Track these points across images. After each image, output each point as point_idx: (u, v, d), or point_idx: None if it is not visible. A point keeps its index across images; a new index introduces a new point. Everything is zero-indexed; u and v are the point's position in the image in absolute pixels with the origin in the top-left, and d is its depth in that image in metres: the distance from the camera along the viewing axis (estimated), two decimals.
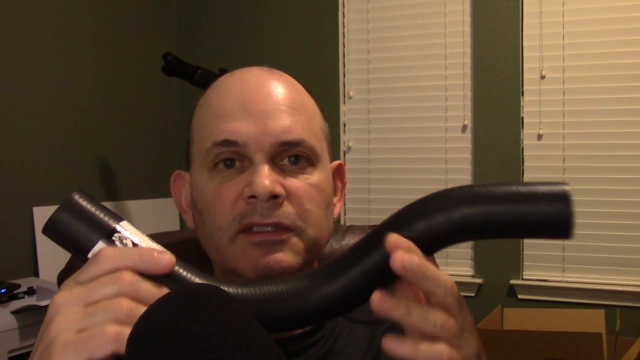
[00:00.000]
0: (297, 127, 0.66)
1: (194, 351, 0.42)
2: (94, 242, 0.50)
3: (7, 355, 1.78)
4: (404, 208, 0.51)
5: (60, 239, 0.51)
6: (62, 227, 0.50)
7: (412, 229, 0.49)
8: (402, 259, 0.47)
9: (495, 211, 0.47)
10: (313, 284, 0.51)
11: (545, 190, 0.47)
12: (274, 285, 0.52)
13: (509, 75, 2.57)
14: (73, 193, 0.52)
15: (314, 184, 0.66)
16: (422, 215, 0.49)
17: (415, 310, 0.48)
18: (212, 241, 0.66)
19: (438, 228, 0.48)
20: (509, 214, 0.47)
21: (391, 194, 2.74)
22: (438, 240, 0.49)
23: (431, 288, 0.48)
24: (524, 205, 0.47)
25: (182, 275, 0.50)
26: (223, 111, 0.66)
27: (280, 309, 0.51)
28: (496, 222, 0.47)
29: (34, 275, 2.32)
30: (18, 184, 2.32)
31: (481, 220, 0.47)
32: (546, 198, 0.46)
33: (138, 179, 2.85)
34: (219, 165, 0.66)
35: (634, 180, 2.40)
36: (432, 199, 0.50)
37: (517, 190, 0.47)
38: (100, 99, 2.69)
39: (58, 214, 0.51)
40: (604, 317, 2.15)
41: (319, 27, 2.87)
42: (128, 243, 0.50)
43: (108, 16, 2.74)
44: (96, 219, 0.51)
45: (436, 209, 0.49)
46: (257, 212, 0.63)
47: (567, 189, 0.47)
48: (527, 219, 0.47)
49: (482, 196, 0.48)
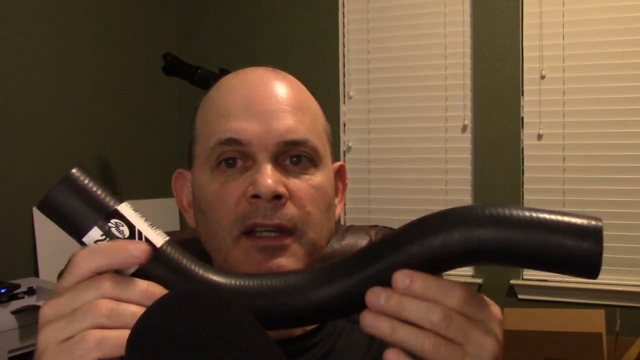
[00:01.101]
0: (301, 127, 0.66)
1: (193, 352, 0.42)
2: (89, 227, 0.48)
3: (7, 355, 1.78)
4: (419, 219, 0.48)
5: (56, 218, 0.49)
6: (59, 205, 0.48)
7: (424, 244, 0.46)
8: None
9: (517, 239, 0.43)
10: (311, 283, 0.51)
11: (576, 224, 0.42)
12: (270, 280, 0.51)
13: (509, 75, 2.56)
14: (73, 168, 0.49)
15: (315, 185, 0.66)
16: (438, 231, 0.46)
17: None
18: (216, 241, 0.66)
19: (452, 247, 0.45)
20: (534, 244, 0.43)
21: (391, 194, 2.74)
22: (449, 260, 0.46)
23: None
24: (550, 236, 0.42)
25: (170, 257, 0.49)
26: (227, 110, 0.67)
27: (273, 304, 0.50)
28: (516, 251, 0.43)
29: (34, 275, 2.32)
30: (18, 184, 2.32)
31: (500, 246, 0.44)
32: (576, 232, 0.42)
33: (138, 179, 2.85)
34: (222, 165, 0.66)
35: (634, 180, 2.40)
36: (450, 214, 0.46)
37: (545, 219, 0.43)
38: (100, 99, 2.69)
39: (55, 190, 0.48)
40: (604, 317, 2.15)
41: (319, 27, 2.87)
42: (124, 230, 0.48)
43: (108, 16, 2.74)
44: (95, 199, 0.48)
45: (454, 226, 0.45)
46: (260, 213, 0.62)
47: (600, 225, 0.42)
48: (552, 252, 0.43)
49: (505, 219, 0.44)
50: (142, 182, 2.86)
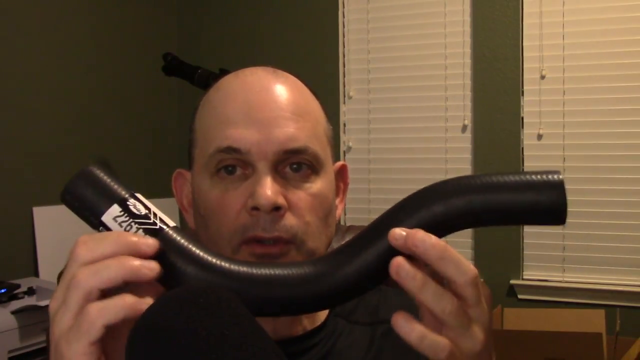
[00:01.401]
0: (301, 134, 0.66)
1: (193, 352, 0.42)
2: (109, 204, 0.51)
3: (7, 355, 1.79)
4: (410, 196, 0.53)
5: (77, 202, 0.52)
6: (81, 189, 0.52)
7: (414, 216, 0.50)
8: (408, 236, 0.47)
9: (495, 198, 0.50)
10: (326, 269, 0.52)
11: (542, 179, 0.50)
12: (281, 268, 0.53)
13: (509, 75, 2.57)
14: (91, 165, 0.54)
15: (315, 194, 0.66)
16: (424, 203, 0.51)
17: (431, 288, 0.47)
18: (216, 248, 0.66)
19: (440, 214, 0.50)
20: (508, 201, 0.49)
21: (391, 194, 2.74)
22: (446, 223, 0.50)
23: (449, 272, 0.47)
24: (522, 193, 0.49)
25: (184, 238, 0.51)
26: (226, 117, 0.66)
27: (290, 291, 0.52)
28: (496, 207, 0.50)
29: (34, 275, 2.33)
30: (18, 184, 2.32)
31: (482, 206, 0.50)
32: (543, 186, 0.49)
33: (138, 179, 2.85)
34: (221, 172, 0.65)
35: (634, 180, 2.40)
36: (433, 189, 0.52)
37: (516, 179, 0.50)
38: (101, 99, 2.69)
39: (77, 178, 0.53)
40: (604, 317, 2.15)
41: (319, 27, 2.87)
42: (141, 209, 0.51)
43: (108, 16, 2.75)
44: (114, 185, 0.53)
45: (437, 197, 0.51)
46: (260, 226, 0.63)
47: (561, 177, 0.50)
48: (525, 205, 0.49)
49: (485, 184, 0.50)
50: (142, 182, 2.86)
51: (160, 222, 0.51)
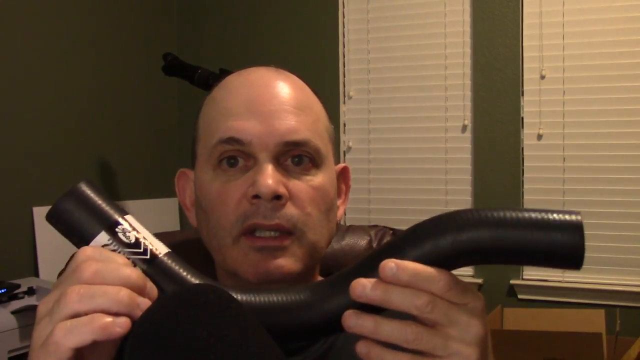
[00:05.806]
0: (302, 127, 0.66)
1: (193, 351, 0.42)
2: (96, 232, 0.49)
3: (7, 355, 1.79)
4: (414, 226, 0.50)
5: (63, 226, 0.50)
6: (67, 213, 0.49)
7: (418, 247, 0.48)
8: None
9: (506, 236, 0.46)
10: (316, 298, 0.51)
11: (558, 219, 0.45)
12: (277, 295, 0.51)
13: (509, 75, 2.56)
14: (80, 182, 0.51)
15: (316, 186, 0.66)
16: (430, 235, 0.48)
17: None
18: (215, 240, 0.66)
19: (445, 248, 0.47)
20: (520, 240, 0.45)
21: (391, 194, 2.74)
22: (445, 260, 0.48)
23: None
24: (536, 232, 0.45)
25: (169, 267, 0.50)
26: (229, 110, 0.67)
27: (280, 319, 0.51)
28: (506, 247, 0.46)
29: (34, 275, 2.33)
30: (18, 184, 2.32)
31: (491, 243, 0.46)
32: (559, 227, 0.45)
33: (138, 179, 2.85)
34: (223, 164, 0.66)
35: (634, 180, 2.40)
36: (442, 220, 0.48)
37: (530, 217, 0.46)
38: (101, 99, 2.69)
39: (63, 201, 0.50)
40: (604, 317, 2.15)
41: (319, 27, 2.87)
42: (130, 237, 0.50)
43: (108, 16, 2.74)
44: (101, 209, 0.50)
45: (446, 229, 0.47)
46: (260, 214, 0.63)
47: (580, 219, 0.45)
48: (537, 246, 0.45)
49: (493, 220, 0.46)
50: (142, 182, 2.86)
51: (151, 249, 0.50)
